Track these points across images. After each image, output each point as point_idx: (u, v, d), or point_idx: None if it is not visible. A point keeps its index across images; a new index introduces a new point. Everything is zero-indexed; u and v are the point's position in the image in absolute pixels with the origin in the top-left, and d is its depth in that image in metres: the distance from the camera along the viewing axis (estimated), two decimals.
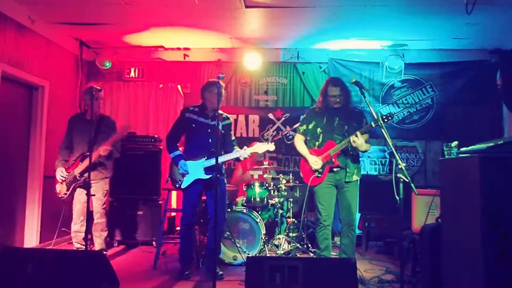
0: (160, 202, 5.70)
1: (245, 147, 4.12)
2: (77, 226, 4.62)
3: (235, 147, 4.30)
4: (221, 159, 4.11)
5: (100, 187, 4.67)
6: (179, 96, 6.67)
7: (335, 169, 4.03)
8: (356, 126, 3.95)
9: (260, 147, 4.07)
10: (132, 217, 5.68)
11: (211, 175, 4.10)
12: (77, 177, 4.51)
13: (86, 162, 4.41)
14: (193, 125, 4.23)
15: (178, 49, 6.65)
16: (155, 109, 6.71)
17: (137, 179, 5.71)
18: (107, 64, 6.40)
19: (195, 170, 4.13)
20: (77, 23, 5.67)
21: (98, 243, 4.77)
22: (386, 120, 3.75)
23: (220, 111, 4.33)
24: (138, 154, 5.78)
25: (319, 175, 4.03)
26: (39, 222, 5.42)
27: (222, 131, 4.25)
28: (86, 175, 4.45)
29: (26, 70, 5.19)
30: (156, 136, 5.91)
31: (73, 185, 4.55)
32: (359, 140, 3.84)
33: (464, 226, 2.78)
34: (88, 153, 4.40)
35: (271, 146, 4.10)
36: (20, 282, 2.97)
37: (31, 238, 5.33)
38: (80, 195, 4.59)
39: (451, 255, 3.00)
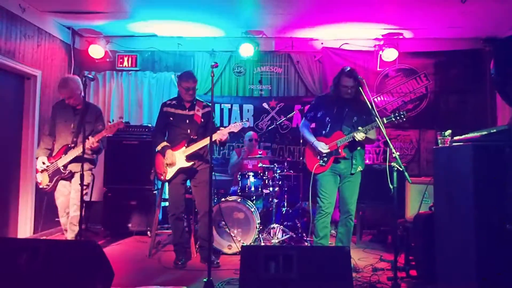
0: (154, 192, 5.70)
1: (221, 128, 4.16)
2: (64, 219, 4.43)
3: None
4: (201, 144, 4.14)
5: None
6: (173, 85, 6.62)
7: (340, 160, 4.01)
8: (366, 118, 3.86)
9: (235, 126, 4.13)
10: (127, 207, 5.66)
11: (192, 163, 4.16)
12: (61, 169, 4.27)
13: (70, 155, 4.23)
14: (171, 118, 4.29)
15: (172, 38, 6.59)
16: (149, 98, 6.67)
17: (131, 169, 5.68)
18: (100, 53, 6.34)
19: (177, 159, 4.18)
20: (69, 11, 5.59)
21: (70, 238, 4.32)
22: (399, 119, 3.68)
23: (200, 99, 4.40)
24: (132, 144, 5.74)
25: (323, 164, 3.99)
26: (33, 213, 5.40)
27: (202, 119, 4.29)
28: (70, 167, 4.29)
29: (18, 60, 5.13)
30: (150, 125, 5.86)
31: (57, 177, 4.30)
32: (362, 137, 3.79)
33: (457, 214, 2.80)
34: (72, 145, 4.28)
35: (245, 123, 4.17)
36: (13, 273, 2.96)
37: (24, 228, 5.32)
38: (64, 187, 4.38)
39: (444, 243, 3.03)
